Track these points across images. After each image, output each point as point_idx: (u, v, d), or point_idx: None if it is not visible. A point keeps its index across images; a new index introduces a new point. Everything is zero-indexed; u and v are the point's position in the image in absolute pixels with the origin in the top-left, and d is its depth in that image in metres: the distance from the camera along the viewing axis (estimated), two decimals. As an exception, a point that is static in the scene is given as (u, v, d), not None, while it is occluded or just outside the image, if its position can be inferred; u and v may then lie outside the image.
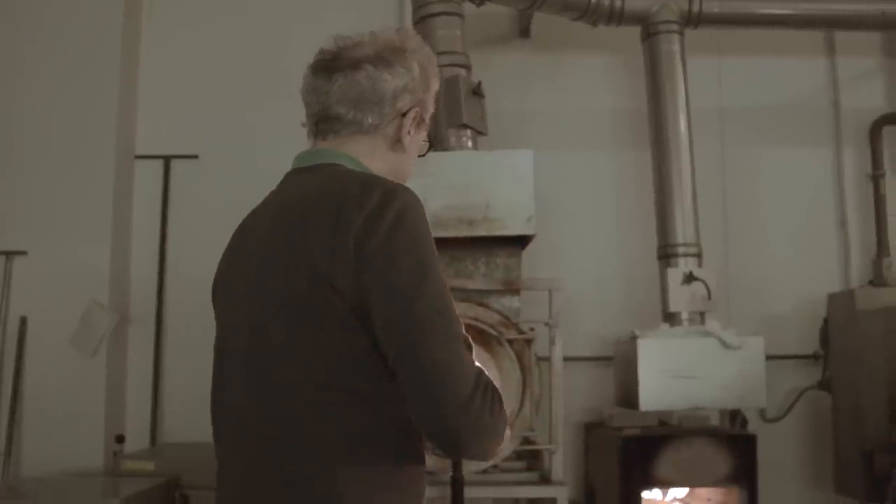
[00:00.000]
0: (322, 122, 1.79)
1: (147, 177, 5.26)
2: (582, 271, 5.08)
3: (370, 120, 1.76)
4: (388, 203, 1.59)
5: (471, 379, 1.54)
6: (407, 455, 1.64)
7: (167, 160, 5.28)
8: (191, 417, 4.93)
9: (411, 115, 1.79)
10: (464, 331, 1.60)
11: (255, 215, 1.84)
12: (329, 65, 1.78)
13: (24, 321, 4.82)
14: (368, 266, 1.55)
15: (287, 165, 1.84)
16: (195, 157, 5.27)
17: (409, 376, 1.54)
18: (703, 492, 4.41)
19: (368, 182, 1.65)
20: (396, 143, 1.80)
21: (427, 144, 1.90)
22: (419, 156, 1.89)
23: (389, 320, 1.55)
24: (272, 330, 1.64)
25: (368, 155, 1.78)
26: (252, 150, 5.12)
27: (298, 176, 1.79)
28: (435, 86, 1.85)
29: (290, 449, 1.60)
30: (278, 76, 5.25)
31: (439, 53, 4.50)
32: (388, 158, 1.81)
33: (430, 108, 1.86)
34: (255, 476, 1.65)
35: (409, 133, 1.80)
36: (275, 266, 1.66)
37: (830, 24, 5.14)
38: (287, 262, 1.63)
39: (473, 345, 1.63)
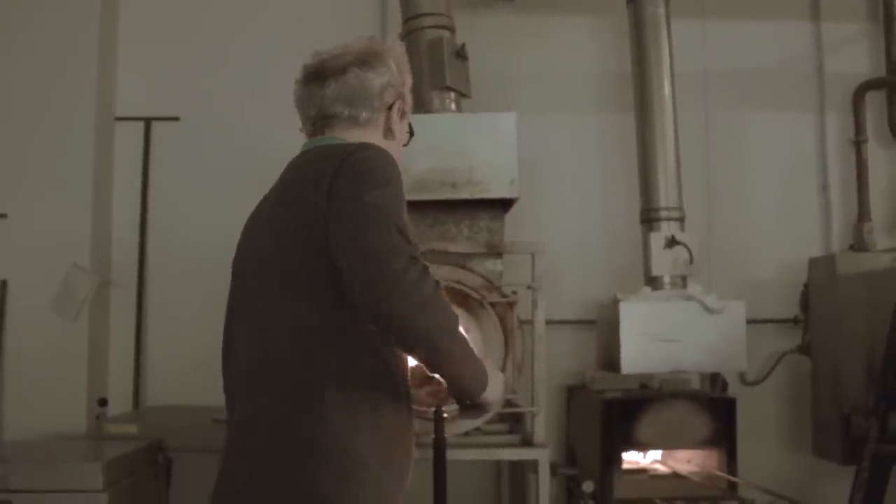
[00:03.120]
0: (320, 121, 2.04)
1: (128, 139, 5.21)
2: (565, 235, 5.09)
3: (364, 115, 2.03)
4: (361, 150, 1.85)
5: (404, 255, 1.69)
6: (384, 387, 1.83)
7: (148, 122, 5.23)
8: (174, 381, 4.96)
9: (396, 106, 2.07)
10: (408, 231, 1.75)
11: (265, 197, 2.07)
12: (318, 74, 2.03)
13: (4, 284, 4.79)
14: (336, 190, 1.77)
15: (267, 128, 1.90)
16: (176, 119, 5.22)
17: (348, 267, 1.71)
18: (683, 454, 4.46)
19: (350, 144, 1.91)
20: (388, 132, 2.08)
21: (409, 135, 2.16)
22: (403, 145, 2.15)
23: (339, 219, 1.74)
24: (266, 282, 1.87)
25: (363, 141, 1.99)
26: (233, 113, 5.09)
27: (300, 157, 2.03)
28: (409, 81, 2.13)
29: (280, 383, 1.80)
30: (260, 39, 5.22)
31: (423, 15, 4.51)
32: (382, 147, 1.99)
33: (409, 101, 2.14)
34: (258, 407, 1.83)
35: (396, 123, 2.08)
36: (273, 227, 1.91)
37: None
38: (281, 218, 1.88)
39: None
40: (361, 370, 1.80)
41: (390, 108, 2.07)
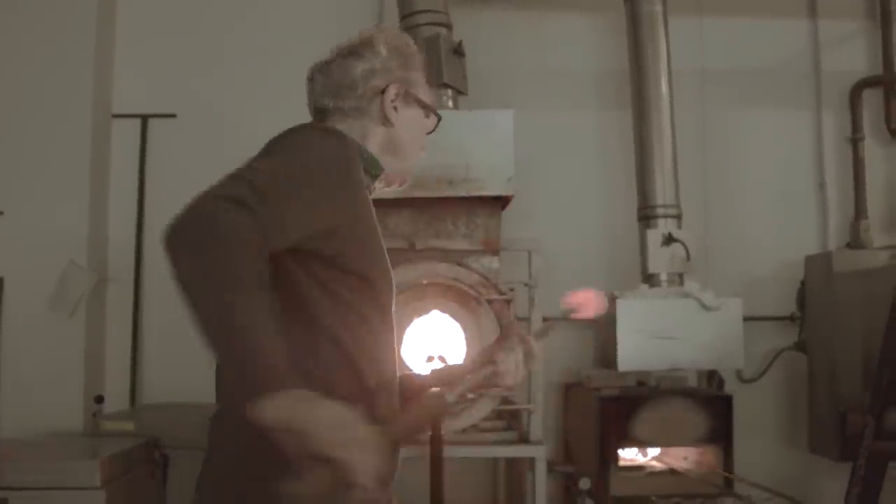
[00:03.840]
0: (316, 115, 2.00)
1: (124, 136, 5.20)
2: (562, 232, 5.08)
3: (349, 104, 1.93)
4: (293, 129, 1.79)
5: (221, 192, 1.53)
6: (343, 379, 1.71)
7: (144, 119, 5.22)
8: (170, 378, 4.94)
9: (391, 90, 1.94)
10: (270, 191, 1.56)
11: None
12: (315, 68, 2.00)
13: (0, 282, 4.78)
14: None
15: (264, 125, 1.91)
16: (173, 116, 5.21)
17: None
18: (680, 451, 4.46)
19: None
20: (385, 119, 1.95)
21: (433, 120, 2.07)
22: (427, 133, 2.08)
23: None
24: None
25: (359, 133, 1.93)
26: (230, 110, 5.07)
27: None
28: (413, 62, 2.01)
29: (233, 382, 1.66)
30: (257, 36, 5.21)
31: (420, 12, 4.50)
32: (381, 135, 1.96)
33: (418, 83, 2.01)
34: (221, 403, 1.81)
35: (394, 109, 1.95)
36: None
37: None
38: None
39: None
40: (318, 361, 1.69)
41: (383, 92, 1.94)
